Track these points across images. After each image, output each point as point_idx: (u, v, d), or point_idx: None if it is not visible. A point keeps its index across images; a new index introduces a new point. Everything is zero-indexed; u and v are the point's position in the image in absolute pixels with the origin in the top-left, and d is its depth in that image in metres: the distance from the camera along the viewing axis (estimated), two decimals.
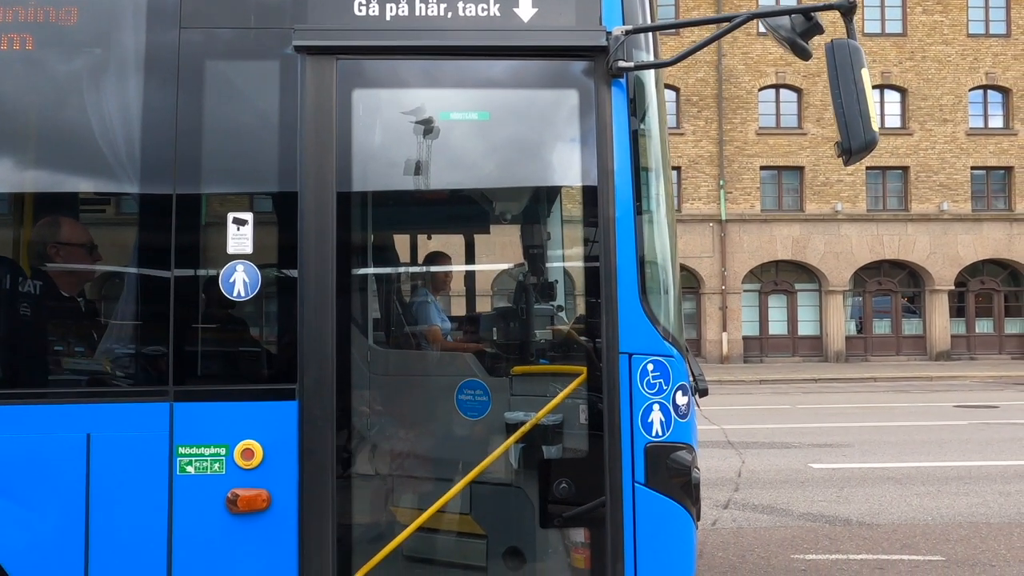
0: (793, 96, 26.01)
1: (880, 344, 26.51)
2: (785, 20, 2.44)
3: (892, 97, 26.04)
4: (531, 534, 3.11)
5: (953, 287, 26.03)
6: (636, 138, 2.66)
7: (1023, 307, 26.79)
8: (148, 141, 2.57)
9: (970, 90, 26.06)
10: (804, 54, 2.41)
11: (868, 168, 25.52)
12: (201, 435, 2.44)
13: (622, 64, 2.59)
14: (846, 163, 2.44)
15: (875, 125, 2.38)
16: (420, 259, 4.73)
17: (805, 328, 26.46)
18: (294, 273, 2.53)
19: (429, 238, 4.80)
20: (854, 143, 2.36)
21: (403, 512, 3.23)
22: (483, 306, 4.94)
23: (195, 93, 2.55)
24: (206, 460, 2.44)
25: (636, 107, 2.68)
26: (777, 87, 25.97)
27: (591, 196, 2.66)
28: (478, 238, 4.78)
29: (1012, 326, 26.81)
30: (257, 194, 2.67)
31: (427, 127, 2.85)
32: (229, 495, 2.42)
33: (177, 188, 2.53)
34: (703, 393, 2.91)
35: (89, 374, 2.65)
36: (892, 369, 22.96)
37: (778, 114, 26.12)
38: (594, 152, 2.63)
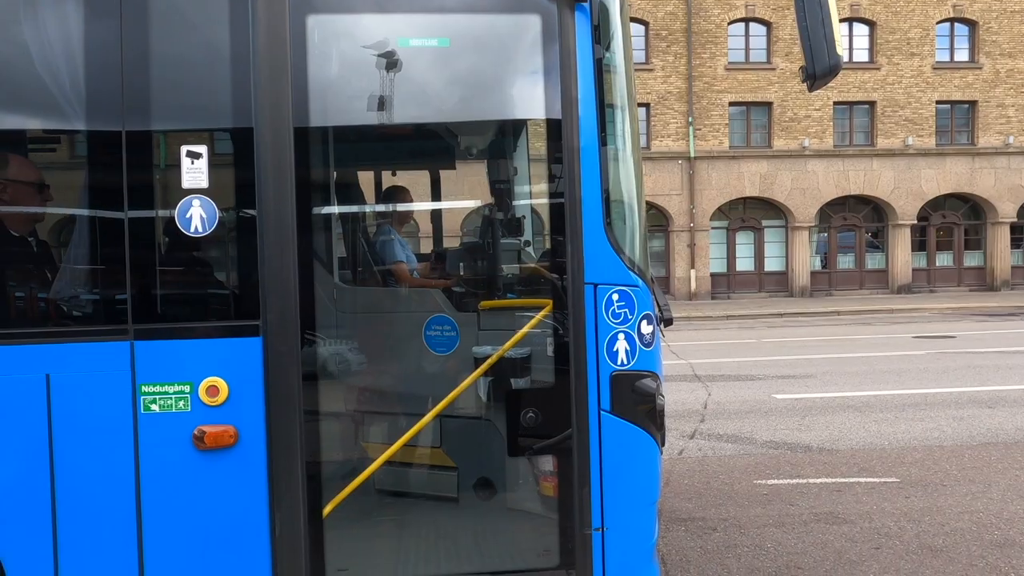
0: (762, 30, 25.74)
1: (844, 279, 27.03)
2: None
3: (860, 31, 25.90)
4: (501, 465, 3.17)
5: (915, 221, 26.49)
6: (600, 67, 2.61)
7: (982, 240, 27.39)
8: (93, 73, 2.45)
9: (937, 23, 26.01)
10: None
11: (835, 103, 25.58)
12: (164, 373, 2.42)
13: None
14: (810, 88, 2.42)
15: (840, 49, 2.36)
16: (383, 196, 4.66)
17: (771, 264, 26.84)
18: (253, 209, 2.47)
19: (394, 174, 4.72)
20: (818, 67, 2.34)
21: (373, 447, 3.26)
22: (451, 243, 4.90)
23: (140, 20, 2.43)
24: (170, 398, 2.42)
25: (600, 34, 2.62)
26: (746, 20, 25.67)
27: (555, 127, 2.61)
28: (444, 174, 4.71)
29: (971, 259, 27.46)
30: (210, 129, 2.58)
31: (386, 56, 2.75)
32: (196, 432, 2.41)
33: (126, 124, 2.43)
34: (668, 323, 2.94)
35: (46, 313, 2.59)
36: (855, 303, 23.49)
37: (747, 48, 25.88)
38: (558, 81, 2.57)
